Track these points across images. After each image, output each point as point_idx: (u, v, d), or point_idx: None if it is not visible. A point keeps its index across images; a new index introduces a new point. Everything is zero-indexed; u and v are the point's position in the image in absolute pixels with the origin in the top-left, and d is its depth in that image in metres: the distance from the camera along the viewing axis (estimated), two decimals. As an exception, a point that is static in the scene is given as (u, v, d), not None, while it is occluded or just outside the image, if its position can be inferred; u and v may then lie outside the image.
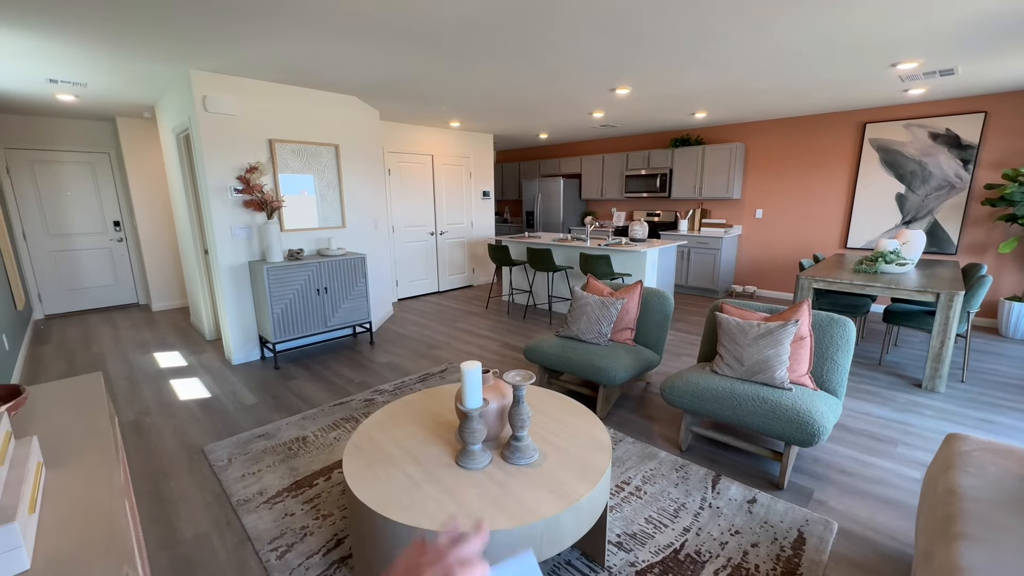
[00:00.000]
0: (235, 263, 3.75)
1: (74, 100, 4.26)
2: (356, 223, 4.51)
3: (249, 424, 2.83)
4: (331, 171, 4.23)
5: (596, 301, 3.01)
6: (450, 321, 5.12)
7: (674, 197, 6.65)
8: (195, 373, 3.67)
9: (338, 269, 3.97)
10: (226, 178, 3.61)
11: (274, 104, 3.79)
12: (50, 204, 5.33)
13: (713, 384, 2.34)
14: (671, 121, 5.95)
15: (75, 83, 3.69)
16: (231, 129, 3.59)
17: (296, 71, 3.45)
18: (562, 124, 6.12)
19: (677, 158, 6.50)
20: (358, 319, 4.18)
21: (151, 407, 3.08)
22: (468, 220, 6.91)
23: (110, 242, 5.76)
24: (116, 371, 3.73)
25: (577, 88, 4.08)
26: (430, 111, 5.07)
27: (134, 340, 4.54)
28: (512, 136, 7.26)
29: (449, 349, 4.19)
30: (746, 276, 6.40)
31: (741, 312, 2.58)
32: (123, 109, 4.81)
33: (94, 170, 5.56)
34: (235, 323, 3.82)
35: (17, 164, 5.11)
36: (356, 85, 3.90)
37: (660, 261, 4.86)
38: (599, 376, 2.72)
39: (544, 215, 7.90)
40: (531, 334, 4.61)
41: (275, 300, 3.63)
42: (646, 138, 7.13)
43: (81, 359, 4.02)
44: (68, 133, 5.31)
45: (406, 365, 3.80)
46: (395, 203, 5.91)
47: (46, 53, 2.93)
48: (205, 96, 3.43)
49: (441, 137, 6.32)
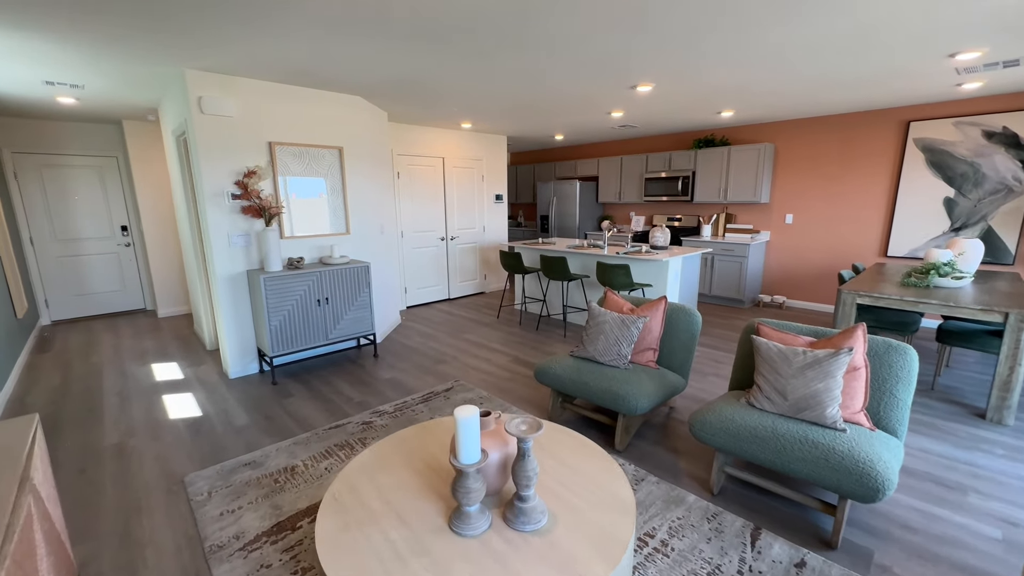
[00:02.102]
0: (232, 272, 3.57)
1: (75, 103, 4.15)
2: (361, 229, 4.31)
3: (237, 449, 2.62)
4: (335, 175, 4.03)
5: (615, 319, 2.72)
6: (459, 332, 4.88)
7: (697, 201, 6.30)
8: (190, 387, 3.50)
9: (340, 278, 3.75)
10: (223, 183, 3.43)
11: (274, 105, 3.60)
12: (58, 209, 5.27)
13: (751, 421, 2.03)
14: (695, 120, 5.62)
15: (72, 85, 3.56)
16: (228, 131, 3.41)
17: (297, 70, 3.25)
18: (579, 124, 5.83)
19: (700, 160, 6.15)
20: (361, 331, 3.96)
21: (137, 427, 2.90)
22: (480, 224, 6.67)
23: (117, 247, 5.68)
24: (110, 385, 3.58)
25: (596, 85, 3.80)
26: (440, 112, 4.85)
27: (134, 349, 4.41)
28: (526, 137, 7.01)
29: (456, 364, 3.94)
30: (774, 285, 6.01)
31: (781, 336, 2.27)
32: (127, 112, 4.70)
33: (102, 174, 5.48)
34: (232, 335, 3.64)
35: (25, 169, 5.05)
36: (361, 85, 3.69)
37: (684, 270, 4.54)
38: (618, 405, 2.43)
39: (559, 219, 7.62)
40: (544, 348, 4.33)
41: (272, 312, 3.43)
42: (667, 139, 6.79)
43: (78, 370, 3.89)
44: (75, 137, 5.25)
45: (409, 382, 3.56)
46: (404, 207, 5.70)
47: (39, 54, 2.78)
48: (201, 97, 3.25)
49: (452, 139, 6.10)
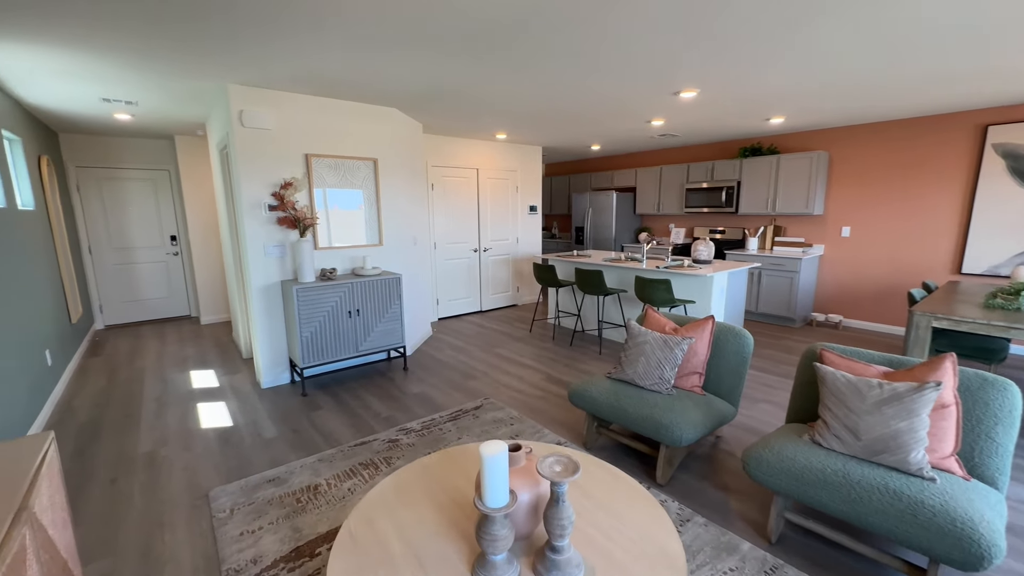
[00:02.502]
0: (267, 282, 3.60)
1: (130, 119, 4.36)
2: (394, 240, 4.28)
3: (262, 464, 2.58)
4: (369, 186, 4.03)
5: (657, 340, 2.52)
6: (490, 346, 4.76)
7: (742, 212, 5.96)
8: (223, 396, 3.52)
9: (372, 290, 3.72)
10: (260, 194, 3.48)
11: (311, 117, 3.64)
12: (114, 220, 5.56)
13: (817, 462, 1.78)
14: (741, 128, 5.33)
15: (127, 102, 3.72)
16: (267, 144, 3.46)
17: (333, 82, 3.27)
18: (617, 134, 5.66)
19: (746, 169, 5.83)
20: (392, 343, 3.91)
21: (170, 436, 2.91)
22: (514, 236, 6.57)
23: (166, 256, 5.93)
24: (150, 390, 3.66)
25: (637, 92, 3.63)
26: (476, 123, 4.80)
27: (176, 356, 4.53)
28: (562, 148, 6.89)
29: (486, 380, 3.81)
30: (829, 303, 5.57)
31: (850, 364, 2.01)
32: (178, 127, 4.91)
33: (155, 186, 5.76)
34: (265, 345, 3.66)
35: (86, 181, 5.36)
36: (396, 96, 3.67)
37: (730, 286, 4.25)
38: (661, 434, 2.22)
39: (595, 231, 7.42)
40: (578, 365, 4.14)
41: (304, 323, 3.42)
42: (710, 148, 6.50)
43: (123, 374, 4.02)
44: (132, 152, 5.54)
45: (438, 398, 3.45)
46: (438, 219, 5.67)
47: (96, 72, 2.91)
48: (242, 111, 3.32)
49: (487, 150, 6.05)
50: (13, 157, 3.63)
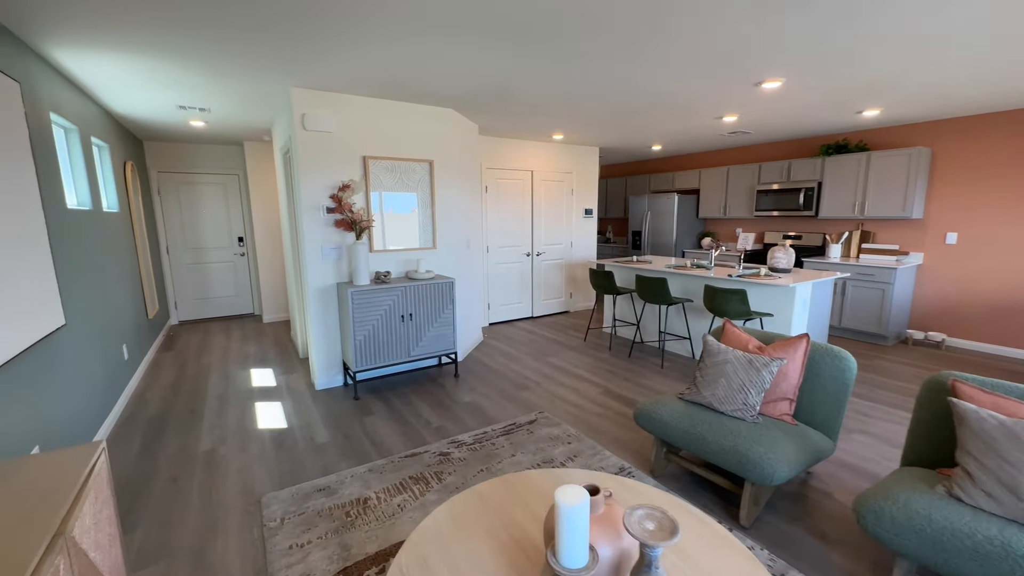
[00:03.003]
0: (324, 284, 3.61)
1: (204, 126, 4.57)
2: (448, 243, 4.20)
3: (314, 470, 2.53)
4: (424, 188, 3.97)
5: (740, 359, 2.22)
6: (543, 354, 4.56)
7: (823, 216, 5.40)
8: (280, 396, 3.56)
9: (425, 294, 3.64)
10: (319, 196, 3.49)
11: (369, 120, 3.62)
12: (189, 221, 5.90)
13: (963, 525, 1.44)
14: (826, 123, 4.82)
15: (200, 108, 3.88)
16: (327, 147, 3.47)
17: (391, 82, 3.21)
18: (682, 133, 5.30)
19: (829, 168, 5.28)
20: (443, 349, 3.81)
21: (229, 435, 2.95)
22: (568, 240, 6.34)
23: (234, 256, 6.22)
24: (213, 387, 3.77)
25: (712, 84, 3.32)
26: (532, 122, 4.64)
27: (239, 353, 4.69)
28: (621, 149, 6.58)
29: (539, 392, 3.61)
30: (928, 319, 4.90)
31: (996, 400, 1.63)
32: (247, 133, 5.11)
33: (225, 190, 6.06)
34: (320, 347, 3.67)
35: (166, 186, 5.72)
36: (453, 95, 3.58)
37: (813, 298, 3.80)
38: (748, 470, 1.93)
39: (653, 235, 7.04)
40: (638, 380, 3.85)
41: (358, 326, 3.39)
42: (786, 145, 5.96)
43: (190, 370, 4.19)
44: (206, 157, 5.85)
45: (490, 409, 3.30)
46: (491, 222, 5.56)
47: (172, 78, 3.02)
48: (304, 114, 3.34)
49: (542, 151, 5.88)
50: (101, 163, 3.88)
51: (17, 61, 2.30)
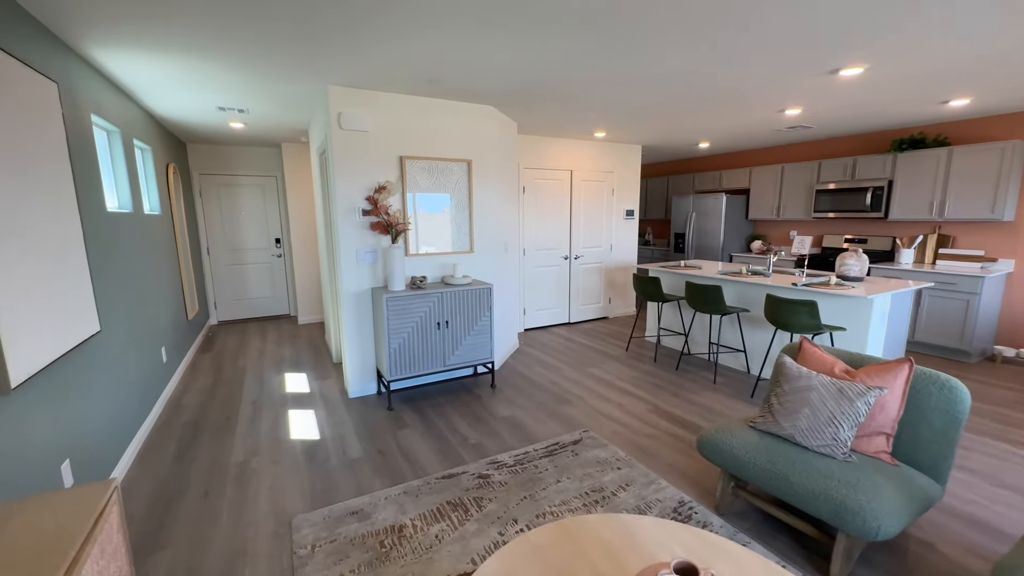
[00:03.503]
0: (358, 289, 3.49)
1: (243, 127, 4.56)
2: (485, 247, 4.01)
3: (347, 489, 2.38)
4: (462, 189, 3.79)
5: (829, 386, 1.92)
6: (583, 364, 4.31)
7: (893, 218, 4.91)
8: (313, 403, 3.46)
9: (462, 300, 3.46)
10: (355, 198, 3.37)
11: (406, 118, 3.47)
12: (229, 223, 5.96)
13: None
14: (902, 115, 4.35)
15: (239, 110, 3.84)
16: (363, 146, 3.34)
17: (429, 77, 3.05)
18: (736, 128, 4.93)
19: (902, 165, 4.79)
20: (480, 358, 3.62)
21: (262, 445, 2.85)
22: (607, 243, 6.05)
23: (271, 258, 6.26)
24: (248, 391, 3.72)
25: (781, 72, 2.99)
26: (575, 119, 4.40)
27: (274, 356, 4.66)
28: (664, 146, 6.24)
29: (583, 407, 3.37)
30: (1020, 334, 4.36)
31: None
32: (284, 135, 5.09)
33: (263, 192, 6.09)
34: (354, 354, 3.55)
35: (207, 188, 5.80)
36: (493, 91, 3.39)
37: (892, 311, 3.40)
38: (845, 521, 1.63)
39: (698, 237, 6.65)
40: (689, 396, 3.55)
41: (393, 334, 3.24)
42: (850, 141, 5.47)
43: (227, 373, 4.17)
44: (245, 159, 5.90)
45: (530, 425, 3.09)
46: (527, 223, 5.35)
47: (211, 78, 2.96)
48: (340, 113, 3.22)
49: (583, 150, 5.62)
50: (144, 165, 3.90)
51: (55, 61, 2.25)
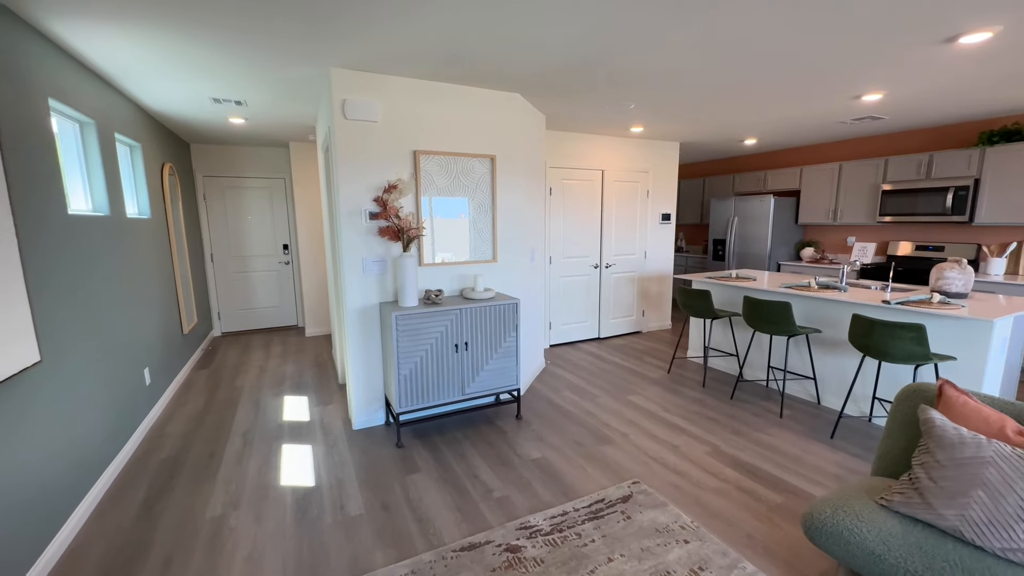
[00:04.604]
0: (364, 304, 3.01)
1: (244, 123, 4.16)
2: (510, 256, 3.51)
3: (340, 563, 1.88)
4: (484, 190, 3.30)
5: (1014, 459, 1.34)
6: (620, 389, 3.76)
7: (980, 222, 4.24)
8: (311, 436, 2.99)
9: (484, 318, 2.96)
10: (361, 199, 2.91)
11: (420, 107, 3.00)
12: (234, 228, 5.59)
13: None
14: (997, 101, 3.71)
15: (235, 101, 3.43)
16: (371, 139, 2.88)
17: (448, 56, 2.57)
18: (792, 121, 4.34)
19: (992, 162, 4.13)
20: (504, 385, 3.11)
21: (245, 493, 2.38)
22: (641, 250, 5.49)
23: (278, 265, 5.87)
24: (240, 420, 3.27)
25: (877, 41, 2.42)
26: (613, 111, 3.87)
27: (275, 374, 4.23)
28: (705, 143, 5.66)
29: (627, 447, 2.82)
30: None
31: None
32: (291, 133, 4.70)
33: (271, 195, 5.72)
34: (359, 379, 3.07)
35: (212, 190, 5.44)
36: (523, 74, 2.90)
37: (1012, 335, 2.77)
38: None
39: (741, 244, 6.03)
40: (755, 435, 2.96)
41: (403, 358, 2.76)
42: (925, 134, 4.82)
43: (221, 395, 3.74)
44: (252, 160, 5.53)
45: (566, 472, 2.55)
46: (553, 229, 4.83)
47: (202, 62, 2.54)
48: (345, 100, 2.77)
49: (616, 148, 5.09)
50: (132, 163, 3.52)
51: (-6, 30, 1.83)
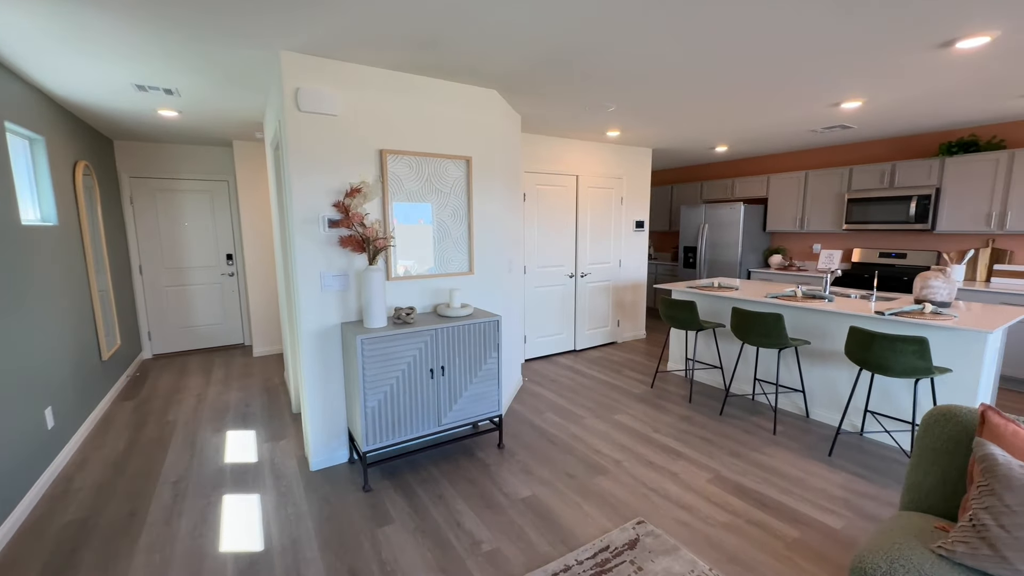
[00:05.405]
0: (323, 325, 2.61)
1: (178, 116, 3.63)
2: (487, 267, 3.20)
3: (298, 662, 1.50)
4: (459, 195, 2.99)
5: (1099, 506, 1.17)
6: (605, 408, 3.52)
7: (941, 230, 4.36)
8: (259, 483, 2.54)
9: (463, 338, 2.63)
10: (318, 204, 2.51)
11: (388, 101, 2.66)
12: (169, 236, 4.95)
13: None
14: (959, 112, 3.80)
15: (165, 90, 2.94)
16: (330, 135, 2.50)
17: (419, 43, 2.25)
18: (765, 128, 4.31)
19: (951, 171, 4.25)
20: (484, 412, 2.79)
21: (173, 567, 1.92)
22: (616, 258, 5.33)
23: (221, 277, 5.26)
24: (171, 464, 2.76)
25: (873, 42, 2.33)
26: (593, 112, 3.66)
27: (217, 404, 3.69)
28: (677, 150, 5.60)
29: (624, 478, 2.57)
30: (1096, 362, 3.82)
31: None
32: (236, 129, 4.18)
33: (212, 199, 5.12)
34: (317, 412, 2.66)
35: (141, 194, 4.79)
36: (502, 68, 2.62)
37: (1002, 345, 2.75)
38: None
39: (711, 251, 6.01)
40: (753, 456, 2.79)
41: (371, 387, 2.38)
42: (887, 144, 4.94)
43: (149, 433, 3.18)
44: (189, 160, 4.93)
45: (562, 512, 2.26)
46: (529, 237, 4.57)
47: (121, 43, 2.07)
48: (299, 89, 2.38)
49: (590, 153, 4.91)
50: (33, 160, 2.94)
51: None
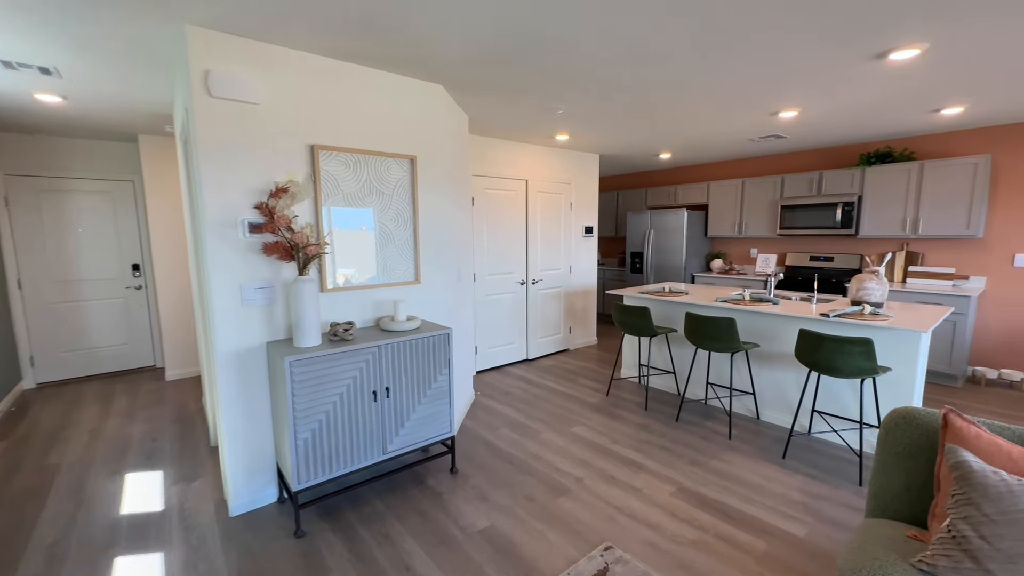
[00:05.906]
0: (244, 346, 2.25)
1: (63, 103, 3.09)
2: (435, 275, 2.96)
3: None
4: (403, 197, 2.73)
5: (1073, 511, 1.16)
6: (561, 421, 3.38)
7: (864, 235, 4.68)
8: (165, 536, 2.13)
9: (409, 355, 2.37)
10: (236, 206, 2.17)
11: (321, 91, 2.37)
12: (56, 244, 4.24)
13: None
14: (875, 127, 4.09)
15: (40, 68, 2.46)
16: (249, 126, 2.17)
17: (355, 24, 2.00)
18: (706, 136, 4.41)
19: (871, 180, 4.58)
20: (435, 435, 2.54)
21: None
22: (566, 264, 5.26)
23: (126, 290, 4.59)
24: (48, 521, 2.26)
25: (817, 52, 2.37)
26: (542, 114, 3.55)
27: (115, 439, 3.14)
28: (622, 156, 5.65)
29: (586, 497, 2.42)
30: (994, 354, 4.22)
31: None
32: (142, 123, 3.65)
33: (114, 201, 4.47)
34: (237, 448, 2.28)
35: (19, 194, 4.07)
36: (449, 59, 2.42)
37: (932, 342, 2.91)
38: None
39: (657, 256, 6.12)
40: (712, 464, 2.75)
41: (302, 417, 2.06)
42: (814, 155, 5.25)
43: (21, 482, 2.62)
44: (84, 156, 4.27)
45: (523, 543, 2.06)
46: (479, 243, 4.38)
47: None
48: (209, 71, 2.04)
49: (539, 157, 4.81)
50: None
51: None
